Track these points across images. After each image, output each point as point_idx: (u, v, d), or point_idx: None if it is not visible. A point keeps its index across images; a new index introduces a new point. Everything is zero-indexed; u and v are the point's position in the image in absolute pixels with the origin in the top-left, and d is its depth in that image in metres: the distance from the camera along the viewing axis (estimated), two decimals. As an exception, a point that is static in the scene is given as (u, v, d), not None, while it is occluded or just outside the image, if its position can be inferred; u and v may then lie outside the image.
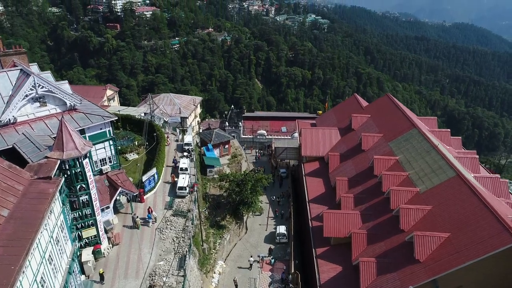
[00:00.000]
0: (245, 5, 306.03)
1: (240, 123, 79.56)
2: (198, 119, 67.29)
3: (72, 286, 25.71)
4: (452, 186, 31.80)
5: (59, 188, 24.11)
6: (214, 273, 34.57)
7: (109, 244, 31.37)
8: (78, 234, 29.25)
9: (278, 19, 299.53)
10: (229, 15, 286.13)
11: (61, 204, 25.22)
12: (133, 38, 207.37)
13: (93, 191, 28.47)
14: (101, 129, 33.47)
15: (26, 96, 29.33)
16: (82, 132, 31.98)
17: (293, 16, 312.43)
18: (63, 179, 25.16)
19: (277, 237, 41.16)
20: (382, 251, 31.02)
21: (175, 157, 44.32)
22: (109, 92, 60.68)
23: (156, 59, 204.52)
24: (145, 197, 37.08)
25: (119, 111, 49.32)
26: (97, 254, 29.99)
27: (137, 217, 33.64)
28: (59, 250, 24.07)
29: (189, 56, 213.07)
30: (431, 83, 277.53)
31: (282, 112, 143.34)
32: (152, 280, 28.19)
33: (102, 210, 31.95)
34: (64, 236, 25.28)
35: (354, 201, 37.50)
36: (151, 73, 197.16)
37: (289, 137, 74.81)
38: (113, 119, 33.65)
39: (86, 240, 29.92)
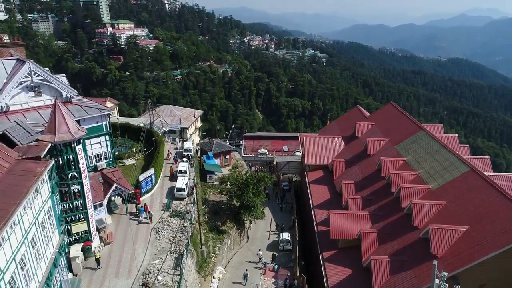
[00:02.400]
0: (246, 40, 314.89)
1: (241, 141, 78.33)
2: (198, 132, 66.17)
3: (57, 280, 23.37)
4: (466, 180, 30.10)
5: (48, 169, 22.49)
6: (214, 277, 31.96)
7: (100, 243, 29.12)
8: (68, 229, 27.14)
9: (278, 53, 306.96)
10: (230, 50, 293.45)
11: (50, 189, 23.45)
12: (135, 69, 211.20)
13: (86, 181, 26.71)
14: (97, 122, 32.21)
15: (21, 83, 28.35)
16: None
17: (292, 51, 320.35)
18: (53, 161, 23.57)
19: (281, 244, 38.71)
20: (395, 250, 28.76)
21: (175, 155, 43.35)
22: (109, 104, 59.81)
23: (158, 90, 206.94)
24: (141, 198, 35.05)
25: (118, 119, 48.30)
26: (87, 252, 27.66)
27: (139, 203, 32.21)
28: (45, 237, 22.02)
29: (190, 87, 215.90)
30: (430, 114, 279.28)
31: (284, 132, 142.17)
32: (145, 278, 25.79)
33: (95, 207, 29.99)
34: (51, 224, 23.27)
35: (362, 203, 35.52)
36: (152, 103, 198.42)
37: (291, 155, 73.32)
38: (109, 112, 32.51)
39: (76, 236, 27.73)
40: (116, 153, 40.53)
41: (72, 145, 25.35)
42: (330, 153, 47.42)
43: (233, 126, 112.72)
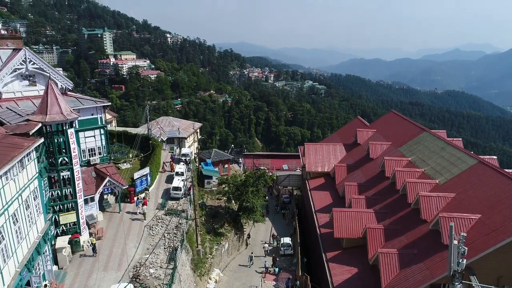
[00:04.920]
0: (246, 72, 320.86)
1: (241, 159, 77.07)
2: (197, 144, 65.16)
3: (40, 268, 21.59)
4: (475, 172, 28.84)
5: (36, 145, 21.40)
6: (210, 279, 29.84)
7: (90, 237, 27.35)
8: (55, 219, 25.53)
9: (277, 85, 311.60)
10: (230, 81, 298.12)
11: (37, 170, 22.20)
12: (136, 98, 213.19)
13: (76, 168, 25.44)
14: (92, 114, 31.34)
15: (15, 70, 27.80)
16: (71, 116, 29.76)
17: (291, 82, 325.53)
18: (42, 139, 22.49)
19: (282, 248, 36.65)
20: (403, 245, 26.99)
21: (174, 153, 42.55)
22: (107, 116, 59.04)
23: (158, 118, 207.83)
24: (135, 198, 33.55)
25: (115, 127, 47.54)
26: (74, 245, 25.90)
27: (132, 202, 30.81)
28: (28, 216, 20.55)
29: (190, 115, 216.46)
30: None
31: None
32: (136, 271, 23.91)
33: (86, 201, 28.52)
34: (36, 206, 21.83)
35: (366, 203, 33.93)
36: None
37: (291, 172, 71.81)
38: (106, 104, 31.77)
39: (64, 228, 26.05)
40: (112, 158, 39.48)
41: (64, 128, 24.38)
42: (331, 160, 46.23)
43: (232, 145, 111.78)
